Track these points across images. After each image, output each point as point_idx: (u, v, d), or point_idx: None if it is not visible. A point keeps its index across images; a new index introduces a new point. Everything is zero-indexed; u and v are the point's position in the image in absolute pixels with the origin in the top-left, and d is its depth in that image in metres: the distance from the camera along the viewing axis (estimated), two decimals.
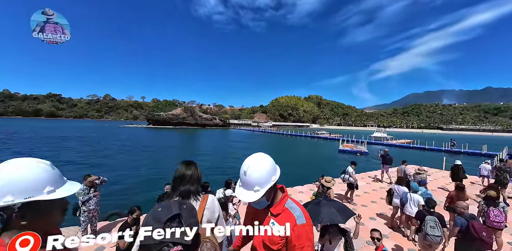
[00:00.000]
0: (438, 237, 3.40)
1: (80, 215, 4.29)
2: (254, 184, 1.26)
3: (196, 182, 1.63)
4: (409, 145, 33.88)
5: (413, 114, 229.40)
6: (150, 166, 16.30)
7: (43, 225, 0.84)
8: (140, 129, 64.96)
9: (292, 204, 1.39)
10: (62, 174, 0.95)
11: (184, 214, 0.66)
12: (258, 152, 1.44)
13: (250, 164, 1.30)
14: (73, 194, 0.90)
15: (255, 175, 1.28)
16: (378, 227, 5.10)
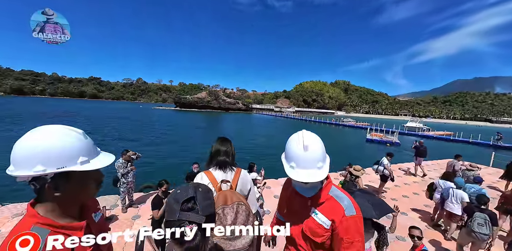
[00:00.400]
0: (485, 235, 3.23)
1: (120, 186, 4.69)
2: (318, 160, 1.09)
3: (231, 156, 1.72)
4: (449, 137, 30.53)
5: (457, 104, 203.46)
6: (180, 145, 17.31)
7: (77, 197, 0.81)
8: (168, 111, 68.80)
9: (337, 192, 1.21)
10: (106, 148, 0.86)
11: (198, 196, 0.73)
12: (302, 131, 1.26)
13: (310, 137, 1.13)
14: (113, 167, 0.82)
15: (318, 149, 1.11)
16: (411, 223, 4.63)
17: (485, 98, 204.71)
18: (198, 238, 0.67)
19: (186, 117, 49.15)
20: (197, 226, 0.68)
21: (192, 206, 0.71)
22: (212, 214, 0.77)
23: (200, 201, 0.72)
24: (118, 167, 4.59)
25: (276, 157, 6.58)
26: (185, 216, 0.69)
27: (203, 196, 0.75)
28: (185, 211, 0.70)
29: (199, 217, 0.69)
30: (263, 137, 25.40)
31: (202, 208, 0.72)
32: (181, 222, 0.68)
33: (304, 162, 1.08)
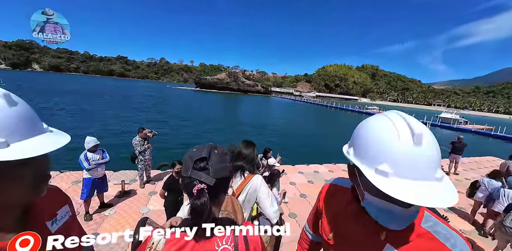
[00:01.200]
0: None
1: (138, 163, 4.73)
2: (436, 164, 0.59)
3: (250, 161, 1.68)
4: (490, 132, 27.26)
5: (502, 95, 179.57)
6: (202, 127, 17.62)
7: None
8: (189, 92, 70.07)
9: (439, 225, 0.68)
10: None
11: (212, 157, 0.72)
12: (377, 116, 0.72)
13: (419, 124, 0.61)
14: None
15: (435, 145, 0.60)
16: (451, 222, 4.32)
17: None
18: (205, 199, 0.66)
19: (206, 98, 49.68)
20: (207, 187, 0.68)
21: (204, 166, 0.70)
22: (225, 178, 0.75)
23: (212, 163, 0.71)
24: (135, 144, 4.57)
25: (294, 142, 6.15)
26: (196, 174, 0.69)
27: (217, 158, 0.73)
28: (197, 170, 0.70)
29: (209, 178, 0.69)
30: (281, 120, 24.92)
31: (214, 170, 0.70)
32: (192, 179, 0.69)
33: (414, 167, 0.57)
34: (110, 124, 14.91)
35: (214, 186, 0.69)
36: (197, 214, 0.67)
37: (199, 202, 0.66)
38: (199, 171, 0.69)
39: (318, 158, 10.09)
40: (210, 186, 0.68)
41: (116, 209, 4.03)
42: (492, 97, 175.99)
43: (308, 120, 30.36)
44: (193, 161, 0.70)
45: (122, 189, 4.50)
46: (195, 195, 0.67)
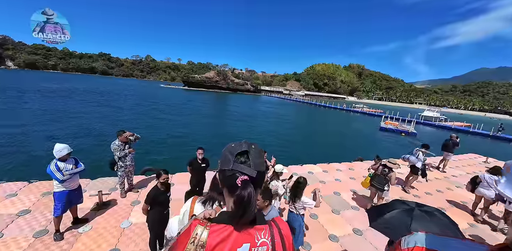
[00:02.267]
0: None
1: (118, 169, 4.24)
2: None
3: None
4: (468, 129, 28.78)
5: (477, 94, 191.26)
6: (185, 127, 16.93)
7: None
8: (177, 90, 68.05)
9: None
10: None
11: (252, 152, 0.74)
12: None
13: None
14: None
15: None
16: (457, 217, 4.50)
17: (508, 89, 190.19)
18: (251, 189, 0.68)
19: (195, 97, 48.41)
20: (250, 178, 0.70)
21: (245, 160, 0.73)
22: (263, 172, 0.76)
23: (252, 157, 0.73)
24: (114, 149, 4.08)
25: (285, 142, 5.64)
26: (238, 167, 0.71)
27: (256, 154, 0.75)
28: (238, 163, 0.72)
29: (251, 170, 0.71)
30: (272, 119, 24.71)
31: (254, 164, 0.72)
32: (235, 171, 0.70)
33: None
34: (85, 126, 13.90)
35: (256, 178, 0.71)
36: (245, 204, 0.67)
37: (246, 193, 0.67)
38: (240, 164, 0.71)
39: (311, 158, 9.96)
40: (253, 177, 0.70)
41: (92, 225, 3.55)
42: (468, 96, 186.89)
43: (299, 119, 30.42)
44: (235, 155, 0.72)
45: (100, 200, 3.99)
46: (241, 186, 0.68)
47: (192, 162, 4.03)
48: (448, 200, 5.84)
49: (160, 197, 2.78)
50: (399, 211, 1.98)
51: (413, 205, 2.08)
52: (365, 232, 4.00)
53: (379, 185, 4.20)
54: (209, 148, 11.59)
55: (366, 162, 8.59)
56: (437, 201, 5.67)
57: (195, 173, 4.02)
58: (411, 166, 5.99)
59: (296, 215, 3.05)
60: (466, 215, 5.14)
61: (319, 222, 4.13)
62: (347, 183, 6.24)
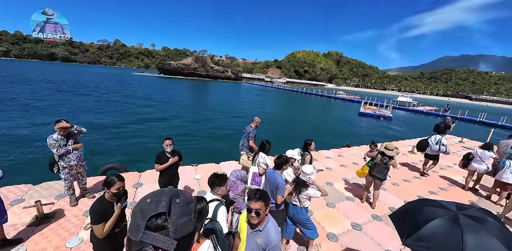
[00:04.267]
0: None
1: (60, 171, 3.27)
2: None
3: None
4: (438, 113, 30.93)
5: (442, 80, 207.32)
6: (156, 117, 15.50)
7: None
8: (152, 78, 63.04)
9: None
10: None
11: (173, 211, 0.55)
12: None
13: None
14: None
15: None
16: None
17: (468, 75, 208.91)
18: None
19: (171, 85, 45.24)
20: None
21: (162, 224, 0.53)
22: (189, 235, 0.58)
23: (174, 219, 0.54)
24: (50, 145, 3.08)
25: (272, 130, 4.65)
26: (150, 237, 0.51)
27: (180, 211, 0.56)
28: (151, 230, 0.52)
29: (168, 241, 0.51)
30: (256, 109, 23.96)
31: (175, 229, 0.53)
32: (144, 245, 0.50)
33: None
34: (28, 118, 11.94)
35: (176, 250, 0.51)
36: None
37: None
38: (154, 232, 0.51)
39: (297, 145, 9.57)
40: None
41: (27, 246, 2.67)
42: (434, 82, 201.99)
43: (281, 107, 30.01)
44: (147, 219, 0.52)
45: (39, 212, 3.06)
46: None
47: (160, 157, 3.20)
48: (437, 182, 5.86)
49: (109, 213, 1.98)
50: (440, 223, 1.43)
51: (453, 208, 1.56)
52: (364, 226, 3.64)
53: (380, 174, 3.80)
54: (188, 139, 10.52)
55: (353, 148, 8.41)
56: (427, 184, 5.61)
57: (164, 171, 3.23)
58: (428, 154, 6.11)
59: (300, 208, 2.72)
60: (460, 195, 5.29)
61: (315, 219, 3.67)
62: (338, 171, 5.90)
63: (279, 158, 2.82)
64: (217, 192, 2.10)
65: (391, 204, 4.46)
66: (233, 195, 2.81)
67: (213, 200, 2.08)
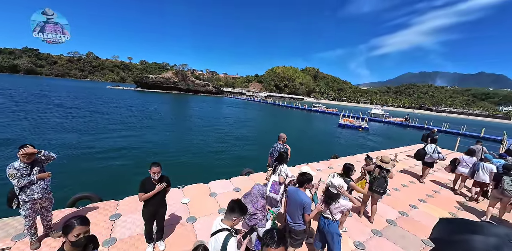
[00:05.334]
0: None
1: (21, 207, 2.70)
2: None
3: None
4: (407, 123, 33.57)
5: (406, 94, 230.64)
6: (135, 134, 14.56)
7: None
8: (128, 92, 60.37)
9: None
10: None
11: None
12: None
13: None
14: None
15: None
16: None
17: (428, 90, 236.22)
18: None
19: (150, 100, 43.61)
20: None
21: None
22: None
23: None
24: (10, 175, 2.56)
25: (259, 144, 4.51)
26: None
27: None
28: None
29: None
30: (240, 122, 23.81)
31: None
32: None
33: None
34: None
35: None
36: None
37: None
38: None
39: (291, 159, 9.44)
40: None
41: None
42: (399, 95, 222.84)
43: (264, 121, 30.28)
44: None
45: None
46: None
47: (144, 184, 2.81)
48: (425, 187, 6.36)
49: None
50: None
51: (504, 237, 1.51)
52: (367, 244, 3.51)
53: (381, 189, 3.80)
54: (173, 160, 9.83)
55: (341, 159, 8.52)
56: (417, 191, 5.85)
57: (149, 200, 2.83)
58: (425, 162, 6.72)
59: (332, 221, 2.65)
60: (452, 197, 5.87)
61: None
62: None
63: (303, 175, 2.78)
64: (234, 221, 1.86)
65: (388, 216, 4.45)
66: (253, 210, 2.61)
67: (222, 230, 1.82)
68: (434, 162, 6.66)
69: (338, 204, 2.62)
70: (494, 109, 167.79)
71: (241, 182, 5.61)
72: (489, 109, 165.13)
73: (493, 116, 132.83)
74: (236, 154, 11.34)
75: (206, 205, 4.36)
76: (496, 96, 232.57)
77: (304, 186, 2.78)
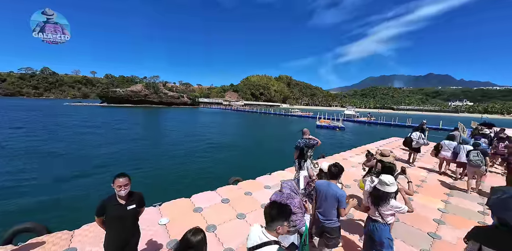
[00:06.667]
0: (478, 160, 5.19)
1: None
2: None
3: None
4: (377, 121, 36.08)
5: (370, 96, 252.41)
6: (98, 151, 12.96)
7: None
8: (92, 108, 55.17)
9: None
10: None
11: None
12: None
13: None
14: None
15: None
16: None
17: (388, 91, 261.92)
18: None
19: (117, 115, 40.28)
20: None
21: None
22: None
23: None
24: None
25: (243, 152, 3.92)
26: None
27: None
28: None
29: None
30: (219, 131, 22.94)
31: None
32: None
33: None
34: None
35: None
36: None
37: None
38: None
39: (272, 164, 9.00)
40: None
41: None
42: (365, 98, 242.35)
43: (244, 128, 29.80)
44: None
45: None
46: None
47: (104, 205, 2.10)
48: (416, 172, 6.73)
49: None
50: None
51: None
52: None
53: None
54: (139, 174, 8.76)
55: (327, 158, 8.37)
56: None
57: (115, 225, 2.12)
58: (415, 148, 7.46)
59: (383, 224, 2.40)
60: (440, 178, 6.35)
61: None
62: None
63: (335, 166, 2.61)
64: (278, 230, 1.49)
65: None
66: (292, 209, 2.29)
67: (268, 243, 1.42)
68: (420, 147, 7.50)
69: (389, 205, 2.33)
70: (444, 104, 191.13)
71: (229, 192, 4.97)
72: (440, 105, 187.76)
73: (444, 110, 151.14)
74: (219, 163, 10.57)
75: (190, 223, 3.65)
76: (445, 94, 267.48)
77: (338, 178, 2.62)
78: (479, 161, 5.17)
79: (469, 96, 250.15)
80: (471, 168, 5.32)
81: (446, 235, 3.55)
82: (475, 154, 5.25)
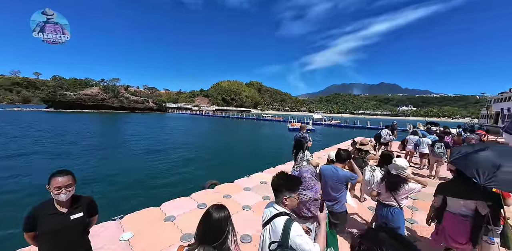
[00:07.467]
0: (441, 153, 5.88)
1: None
2: None
3: None
4: (342, 124, 39.00)
5: (334, 102, 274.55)
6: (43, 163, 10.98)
7: None
8: (35, 114, 46.86)
9: None
10: None
11: None
12: None
13: None
14: None
15: None
16: None
17: (349, 98, 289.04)
18: None
19: (66, 122, 35.03)
20: None
21: None
22: None
23: None
24: None
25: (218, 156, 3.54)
26: None
27: None
28: None
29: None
30: (192, 136, 21.64)
31: None
32: None
33: None
34: None
35: None
36: None
37: None
38: None
39: (250, 167, 8.64)
40: None
41: None
42: (330, 104, 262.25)
43: (219, 132, 28.90)
44: None
45: None
46: None
47: (35, 216, 1.48)
48: None
49: None
50: None
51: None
52: None
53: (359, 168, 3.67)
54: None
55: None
56: None
57: (52, 243, 1.51)
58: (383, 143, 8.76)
59: (397, 208, 2.43)
60: None
61: None
62: None
63: (345, 151, 2.58)
64: (285, 202, 1.40)
65: (370, 204, 4.20)
66: (313, 195, 2.26)
67: (279, 214, 1.36)
68: (388, 142, 8.80)
69: (407, 188, 2.32)
70: (394, 109, 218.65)
71: (206, 196, 4.46)
72: (391, 109, 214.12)
73: (394, 114, 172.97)
74: (193, 168, 9.78)
75: (160, 234, 3.05)
76: (394, 100, 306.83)
77: (344, 163, 2.57)
78: (441, 153, 5.89)
79: (413, 102, 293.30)
80: (434, 158, 6.04)
81: (422, 220, 3.66)
82: (439, 146, 5.96)
